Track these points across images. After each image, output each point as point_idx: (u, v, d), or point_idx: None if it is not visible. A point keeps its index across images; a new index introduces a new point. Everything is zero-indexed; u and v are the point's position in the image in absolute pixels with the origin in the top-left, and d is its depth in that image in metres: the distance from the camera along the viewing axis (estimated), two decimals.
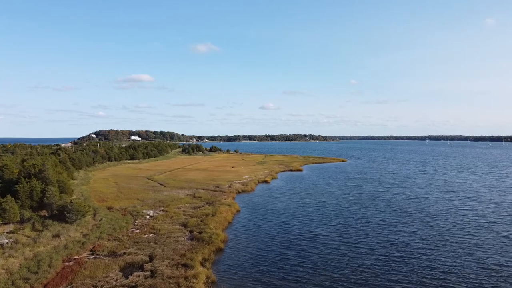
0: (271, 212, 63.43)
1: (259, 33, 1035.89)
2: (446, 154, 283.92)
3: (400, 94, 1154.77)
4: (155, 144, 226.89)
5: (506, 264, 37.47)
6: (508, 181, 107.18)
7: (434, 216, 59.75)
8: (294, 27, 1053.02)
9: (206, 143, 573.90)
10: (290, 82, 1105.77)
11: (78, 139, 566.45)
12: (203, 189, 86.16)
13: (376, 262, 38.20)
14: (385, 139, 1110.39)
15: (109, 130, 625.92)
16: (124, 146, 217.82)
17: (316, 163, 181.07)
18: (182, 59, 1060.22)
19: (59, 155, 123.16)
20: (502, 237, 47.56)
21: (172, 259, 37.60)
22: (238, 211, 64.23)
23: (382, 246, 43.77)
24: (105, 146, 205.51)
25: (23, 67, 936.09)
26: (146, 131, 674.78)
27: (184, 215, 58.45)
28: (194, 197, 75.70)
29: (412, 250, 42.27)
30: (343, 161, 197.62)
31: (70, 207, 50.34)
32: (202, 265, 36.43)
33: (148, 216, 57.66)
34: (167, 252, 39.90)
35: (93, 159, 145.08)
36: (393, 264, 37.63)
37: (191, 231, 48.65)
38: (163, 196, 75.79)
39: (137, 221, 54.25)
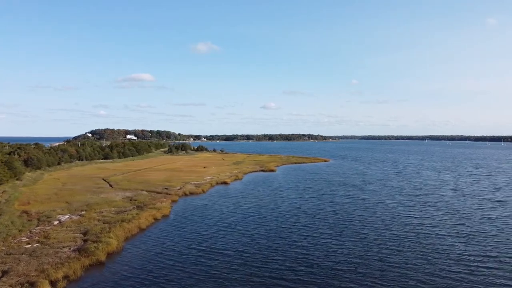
0: (199, 219, 57.87)
1: (260, 32, 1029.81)
2: (438, 154, 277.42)
3: (400, 94, 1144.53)
4: (135, 143, 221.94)
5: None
6: (483, 183, 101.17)
7: (373, 225, 54.19)
8: (294, 27, 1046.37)
9: (199, 143, 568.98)
10: (290, 82, 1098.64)
11: (74, 138, 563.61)
12: (148, 191, 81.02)
13: (289, 276, 32.76)
14: (385, 139, 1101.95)
15: (104, 129, 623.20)
16: (104, 145, 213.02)
17: (296, 163, 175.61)
18: (183, 58, 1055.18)
19: (19, 155, 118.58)
20: (430, 254, 41.90)
21: (26, 276, 32.40)
22: (164, 216, 58.94)
23: (297, 262, 38.26)
24: (89, 145, 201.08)
25: (24, 67, 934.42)
26: (143, 130, 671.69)
27: (98, 220, 53.24)
28: (130, 200, 70.43)
29: (327, 263, 36.81)
30: (325, 161, 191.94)
31: None
32: (53, 285, 31.16)
33: (56, 222, 52.47)
34: (29, 267, 34.68)
35: (60, 158, 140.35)
36: (311, 280, 32.28)
37: (85, 240, 43.42)
38: (98, 198, 70.61)
39: (38, 228, 49.10)
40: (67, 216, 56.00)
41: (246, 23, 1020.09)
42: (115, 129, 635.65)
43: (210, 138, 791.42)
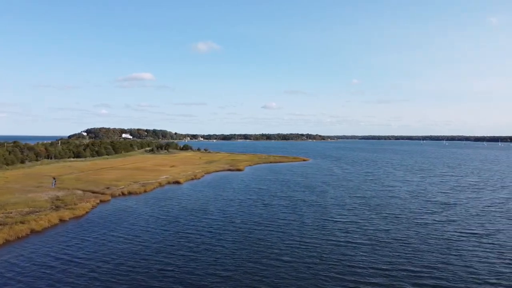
0: (111, 224, 54.16)
1: (260, 32, 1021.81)
2: (426, 154, 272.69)
3: (402, 94, 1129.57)
4: (114, 142, 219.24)
5: None
6: (445, 185, 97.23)
7: (288, 229, 50.73)
8: (295, 26, 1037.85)
9: (195, 142, 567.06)
10: (291, 82, 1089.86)
11: (68, 137, 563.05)
12: (85, 190, 78.02)
13: None
14: (385, 139, 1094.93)
15: (100, 128, 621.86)
16: (80, 144, 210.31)
17: (272, 162, 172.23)
18: (183, 57, 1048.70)
19: None
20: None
21: None
22: (76, 217, 55.87)
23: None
24: (65, 143, 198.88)
25: (24, 66, 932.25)
26: (138, 130, 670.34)
27: None
28: (56, 200, 67.33)
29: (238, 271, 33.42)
30: (304, 160, 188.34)
31: None
32: None
33: None
34: None
35: (25, 157, 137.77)
36: None
37: None
38: (22, 198, 67.26)
39: None
40: None
41: (246, 23, 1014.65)
42: (111, 128, 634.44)
43: (207, 137, 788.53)
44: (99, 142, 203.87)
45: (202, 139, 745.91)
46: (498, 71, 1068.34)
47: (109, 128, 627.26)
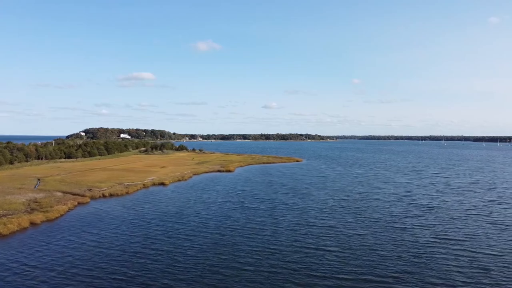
0: (72, 229, 52.12)
1: (260, 31, 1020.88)
2: (423, 155, 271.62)
3: (403, 93, 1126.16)
4: (108, 143, 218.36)
5: None
6: (434, 187, 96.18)
7: (260, 233, 49.81)
8: (296, 26, 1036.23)
9: (194, 142, 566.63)
10: (292, 81, 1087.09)
11: (66, 137, 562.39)
12: (65, 192, 77.16)
13: None
14: (385, 139, 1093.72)
15: (98, 128, 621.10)
16: (73, 144, 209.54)
17: (265, 163, 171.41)
18: (183, 57, 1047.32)
19: None
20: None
21: None
22: (48, 220, 55.07)
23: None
24: (61, 144, 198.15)
25: (25, 66, 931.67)
26: (137, 129, 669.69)
27: None
28: (34, 202, 66.40)
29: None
30: (297, 161, 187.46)
31: None
32: None
33: None
34: None
35: (14, 158, 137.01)
36: None
37: None
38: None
39: None
40: None
41: (247, 22, 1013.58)
42: (109, 128, 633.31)
43: (206, 137, 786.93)
44: (91, 143, 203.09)
45: (201, 139, 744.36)
46: (501, 71, 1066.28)
47: (107, 128, 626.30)
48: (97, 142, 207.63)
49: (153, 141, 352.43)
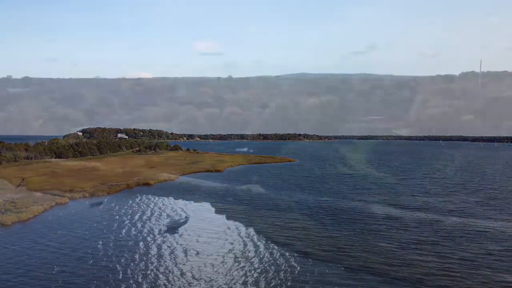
0: (40, 231, 50.45)
1: (261, 30, 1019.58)
2: (418, 155, 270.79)
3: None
4: (100, 142, 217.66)
5: None
6: (423, 187, 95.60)
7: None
8: (295, 26, 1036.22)
9: (191, 142, 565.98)
10: None
11: (64, 136, 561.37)
12: (44, 193, 76.47)
13: None
14: (383, 139, 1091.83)
15: (95, 128, 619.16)
16: (65, 144, 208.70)
17: (258, 163, 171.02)
18: (183, 56, 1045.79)
19: None
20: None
21: None
22: (20, 221, 54.48)
23: None
24: (48, 143, 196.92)
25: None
26: (134, 129, 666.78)
27: None
28: (10, 202, 65.49)
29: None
30: (290, 161, 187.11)
31: None
32: None
33: None
34: None
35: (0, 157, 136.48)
36: None
37: None
38: None
39: None
40: None
41: (247, 22, 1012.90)
42: (107, 127, 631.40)
43: (204, 137, 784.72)
44: (84, 143, 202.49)
45: (198, 139, 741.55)
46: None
47: (105, 128, 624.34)
48: (89, 142, 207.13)
49: (149, 141, 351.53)
